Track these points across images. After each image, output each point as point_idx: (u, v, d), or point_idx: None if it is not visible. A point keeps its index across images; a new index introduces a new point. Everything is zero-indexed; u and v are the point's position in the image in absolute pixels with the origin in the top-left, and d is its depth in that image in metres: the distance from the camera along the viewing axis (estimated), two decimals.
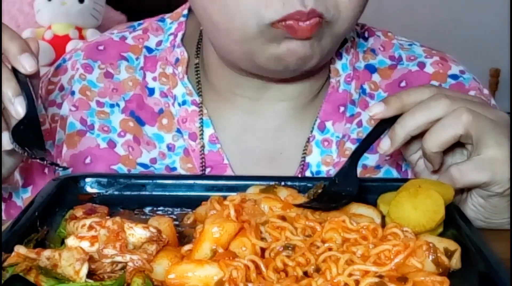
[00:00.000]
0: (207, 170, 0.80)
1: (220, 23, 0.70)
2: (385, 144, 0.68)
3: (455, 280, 0.50)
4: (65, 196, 0.64)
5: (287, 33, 0.67)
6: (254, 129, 0.82)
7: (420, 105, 0.67)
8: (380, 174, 0.81)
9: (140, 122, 0.82)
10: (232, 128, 0.82)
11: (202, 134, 0.81)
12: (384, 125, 0.69)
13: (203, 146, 0.81)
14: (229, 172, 0.80)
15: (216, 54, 0.79)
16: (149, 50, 0.85)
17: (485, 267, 0.51)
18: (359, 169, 0.78)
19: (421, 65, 0.86)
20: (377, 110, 0.68)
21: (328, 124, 0.81)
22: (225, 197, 0.59)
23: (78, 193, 0.66)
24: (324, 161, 0.80)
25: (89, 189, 0.67)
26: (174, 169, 0.81)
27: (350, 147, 0.80)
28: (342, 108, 0.82)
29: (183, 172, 0.80)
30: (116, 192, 0.67)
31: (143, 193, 0.67)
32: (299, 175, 0.80)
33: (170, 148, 0.81)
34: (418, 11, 2.68)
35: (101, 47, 0.86)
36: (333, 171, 0.79)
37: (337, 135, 0.81)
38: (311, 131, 0.81)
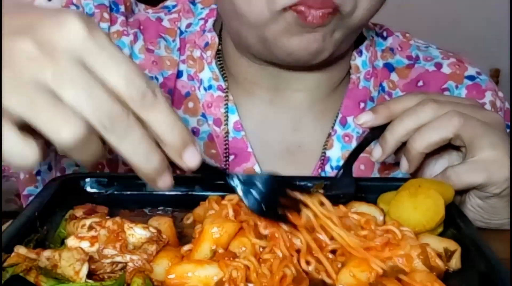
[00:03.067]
0: (231, 158, 0.80)
1: (238, 6, 0.70)
2: (377, 152, 0.69)
3: (455, 280, 0.50)
4: (65, 196, 0.64)
5: (298, 20, 0.67)
6: (273, 121, 0.82)
7: (408, 111, 0.67)
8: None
9: (173, 103, 0.81)
10: (252, 118, 0.82)
11: (227, 120, 0.81)
12: (374, 132, 0.70)
13: (227, 133, 0.81)
14: (252, 161, 0.80)
15: (233, 43, 0.79)
16: (181, 32, 0.85)
17: (485, 267, 0.51)
18: (377, 166, 0.81)
19: (438, 65, 0.86)
20: (365, 119, 0.69)
21: (350, 119, 0.82)
22: (223, 197, 0.59)
23: (78, 193, 0.66)
24: (344, 156, 0.81)
25: (89, 189, 0.67)
26: None
27: None
28: (362, 104, 0.83)
29: (206, 158, 0.80)
30: (116, 192, 0.67)
31: (143, 193, 0.67)
32: (319, 170, 0.81)
33: (194, 132, 0.81)
34: (419, 10, 2.68)
35: (141, 26, 0.85)
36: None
37: (357, 130, 0.82)
38: (332, 126, 0.82)
